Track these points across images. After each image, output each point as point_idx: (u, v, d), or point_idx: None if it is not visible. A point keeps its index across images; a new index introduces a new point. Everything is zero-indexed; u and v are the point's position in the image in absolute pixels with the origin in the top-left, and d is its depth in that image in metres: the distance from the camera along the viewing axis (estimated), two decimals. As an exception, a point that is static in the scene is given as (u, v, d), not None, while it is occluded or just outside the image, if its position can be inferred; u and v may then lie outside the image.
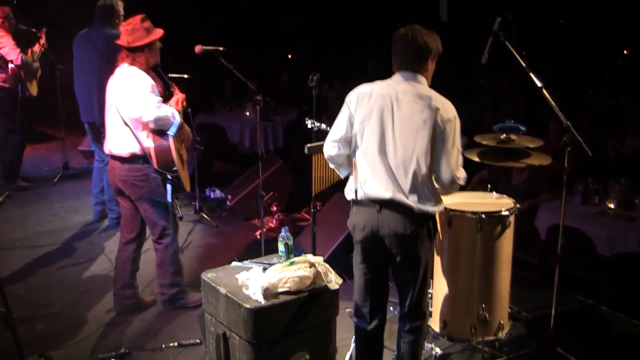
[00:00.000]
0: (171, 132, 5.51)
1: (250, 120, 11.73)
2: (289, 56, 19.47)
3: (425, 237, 4.18)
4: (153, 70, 5.78)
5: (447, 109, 4.13)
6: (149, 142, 5.47)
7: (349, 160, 4.38)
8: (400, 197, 4.06)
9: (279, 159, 8.85)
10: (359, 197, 4.22)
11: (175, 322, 5.80)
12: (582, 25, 21.05)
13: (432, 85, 4.31)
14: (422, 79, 4.22)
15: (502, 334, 4.91)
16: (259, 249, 6.73)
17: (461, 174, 4.26)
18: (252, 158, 9.97)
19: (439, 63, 4.38)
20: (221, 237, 7.70)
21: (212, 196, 9.06)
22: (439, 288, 4.93)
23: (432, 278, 4.98)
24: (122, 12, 7.43)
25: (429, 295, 4.97)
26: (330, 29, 20.67)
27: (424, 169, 4.09)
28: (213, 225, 8.04)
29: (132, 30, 5.50)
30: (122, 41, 5.53)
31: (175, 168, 5.50)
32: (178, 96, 6.00)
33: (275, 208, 8.34)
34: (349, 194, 4.32)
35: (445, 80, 15.59)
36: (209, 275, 4.38)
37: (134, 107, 5.40)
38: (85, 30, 7.54)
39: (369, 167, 4.15)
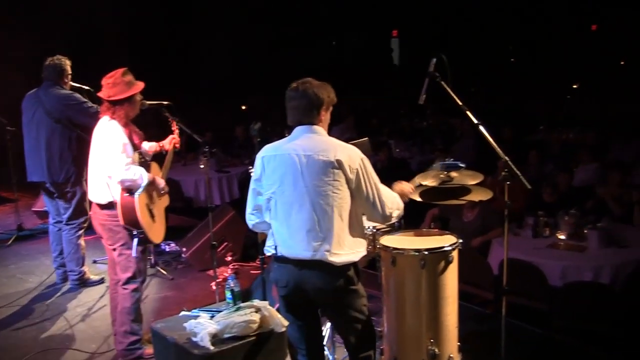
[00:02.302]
0: (137, 193, 5.60)
1: (205, 173, 11.75)
2: (243, 107, 19.57)
3: (349, 286, 4.28)
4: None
5: (352, 157, 4.21)
6: (117, 196, 5.60)
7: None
8: (320, 256, 4.15)
9: (231, 209, 8.88)
10: (279, 254, 4.30)
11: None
12: (532, 62, 21.50)
13: (387, 129, 4.42)
14: (320, 129, 4.32)
15: (452, 368, 4.96)
16: (214, 299, 6.78)
17: (393, 211, 4.42)
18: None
19: (393, 107, 4.48)
20: (177, 289, 7.70)
21: (167, 249, 9.06)
22: (388, 325, 4.98)
23: (381, 316, 5.07)
24: (69, 71, 7.47)
25: (379, 334, 5.05)
26: (283, 79, 20.88)
27: (341, 222, 4.19)
28: (169, 278, 8.04)
29: (113, 84, 5.64)
30: (103, 94, 5.66)
31: (141, 227, 5.62)
32: (173, 136, 6.47)
33: (229, 258, 8.38)
34: (269, 250, 4.39)
35: (398, 123, 15.83)
36: (158, 325, 4.42)
37: (105, 165, 5.56)
38: (35, 90, 7.56)
39: (286, 228, 4.22)
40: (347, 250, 4.21)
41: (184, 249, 8.47)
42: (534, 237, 7.74)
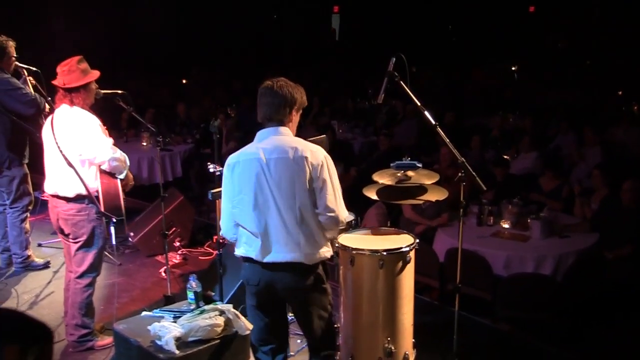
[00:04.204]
0: (122, 175, 5.61)
1: (147, 150, 11.70)
2: (184, 81, 19.36)
3: (318, 284, 4.37)
4: None
5: (316, 155, 4.25)
6: (95, 184, 5.55)
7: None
8: (292, 257, 4.21)
9: (180, 194, 8.80)
10: (248, 256, 4.32)
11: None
12: (474, 44, 21.69)
13: (328, 108, 4.38)
14: (286, 130, 4.34)
15: (407, 365, 5.06)
16: (164, 286, 6.77)
17: (344, 214, 4.44)
18: (151, 190, 9.92)
19: (335, 88, 4.45)
20: (125, 275, 7.65)
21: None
22: (345, 323, 5.05)
23: (338, 312, 5.13)
24: (13, 53, 7.23)
25: (336, 330, 5.12)
26: (224, 54, 20.70)
27: (310, 220, 4.24)
28: (117, 263, 7.96)
29: (68, 72, 5.57)
30: (59, 82, 5.60)
31: (122, 212, 5.60)
32: None
33: (178, 243, 8.34)
34: (238, 251, 4.41)
35: (340, 103, 15.84)
36: (120, 327, 4.42)
37: (87, 148, 5.49)
38: None
39: (257, 234, 4.23)
40: (317, 250, 4.26)
41: (132, 234, 8.39)
42: (479, 226, 7.88)
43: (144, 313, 4.59)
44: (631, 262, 7.20)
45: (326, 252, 4.36)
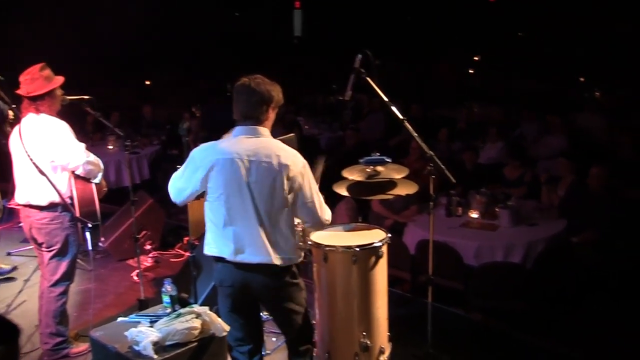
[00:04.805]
0: (97, 180, 5.60)
1: (114, 154, 11.64)
2: (147, 83, 19.23)
3: (292, 280, 4.40)
4: None
5: (296, 162, 4.25)
6: (70, 190, 5.51)
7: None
8: (266, 259, 4.22)
9: (149, 197, 8.76)
10: (220, 255, 4.32)
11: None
12: (436, 35, 21.74)
13: (294, 105, 4.33)
14: (264, 130, 4.32)
15: (384, 358, 5.09)
16: (137, 290, 6.76)
17: (326, 216, 4.50)
18: (119, 193, 9.84)
19: (299, 84, 4.43)
20: (98, 281, 7.60)
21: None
22: (321, 319, 5.07)
23: (313, 309, 5.15)
24: None
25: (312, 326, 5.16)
26: (186, 53, 20.59)
27: (285, 226, 4.27)
28: (88, 269, 7.90)
29: (31, 80, 5.50)
30: (22, 91, 5.53)
31: (98, 217, 5.61)
32: None
33: (149, 246, 8.32)
34: (208, 250, 4.40)
35: (310, 100, 15.87)
36: (97, 334, 4.41)
37: (60, 154, 5.45)
38: None
39: (231, 234, 4.24)
40: (291, 253, 4.30)
41: (103, 239, 8.35)
42: (448, 216, 7.93)
43: (120, 319, 4.58)
44: (597, 246, 7.31)
45: (298, 257, 4.41)
